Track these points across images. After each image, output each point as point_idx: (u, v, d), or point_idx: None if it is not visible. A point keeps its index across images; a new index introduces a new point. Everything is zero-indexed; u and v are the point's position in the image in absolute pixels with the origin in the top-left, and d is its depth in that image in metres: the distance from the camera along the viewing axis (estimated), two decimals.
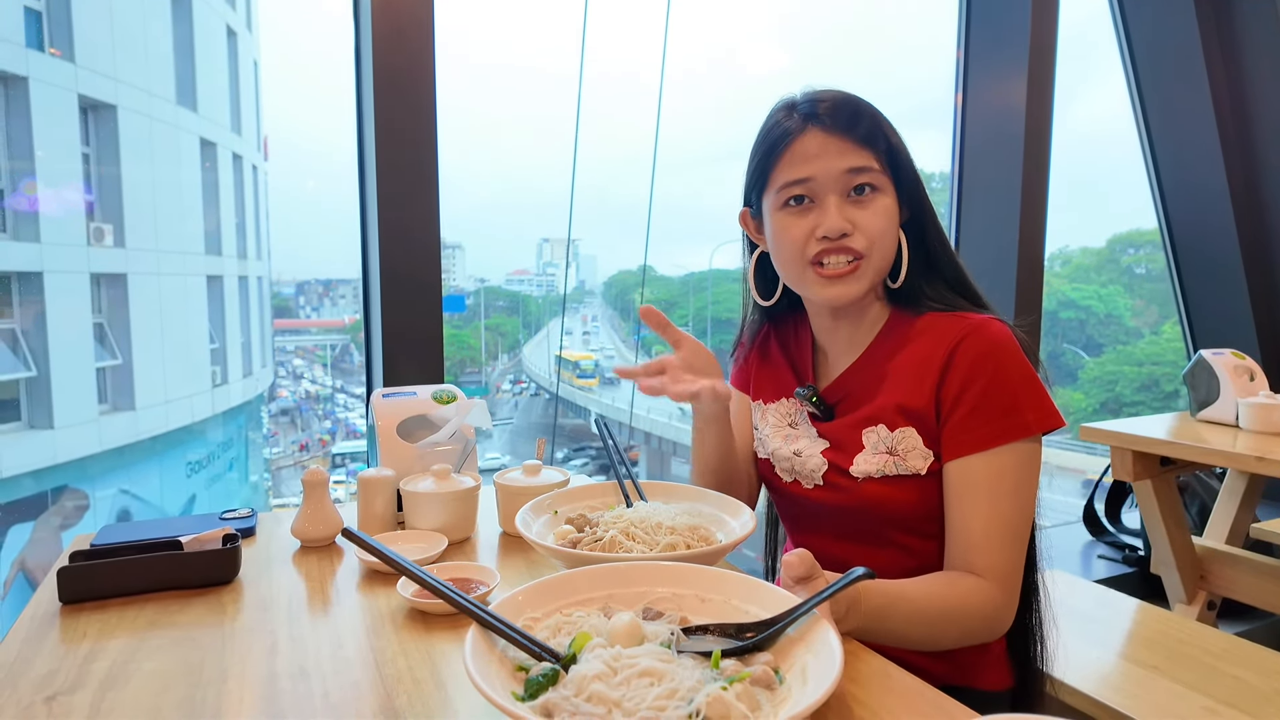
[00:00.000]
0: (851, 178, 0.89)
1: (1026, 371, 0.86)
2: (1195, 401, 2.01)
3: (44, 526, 6.41)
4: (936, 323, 0.91)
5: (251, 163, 9.04)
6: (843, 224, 0.88)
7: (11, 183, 6.03)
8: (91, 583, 0.84)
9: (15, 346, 6.07)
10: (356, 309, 12.15)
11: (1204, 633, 1.52)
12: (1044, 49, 2.22)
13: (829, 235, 0.88)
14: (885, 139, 0.90)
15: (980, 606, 0.83)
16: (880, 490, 0.90)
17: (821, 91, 0.93)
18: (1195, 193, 2.74)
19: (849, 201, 0.89)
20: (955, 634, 0.84)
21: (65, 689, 0.66)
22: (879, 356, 0.95)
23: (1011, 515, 0.84)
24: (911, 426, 0.89)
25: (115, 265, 7.01)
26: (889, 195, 0.90)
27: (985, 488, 0.84)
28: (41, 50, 6.26)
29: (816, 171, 0.89)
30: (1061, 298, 11.08)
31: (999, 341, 0.87)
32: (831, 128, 0.89)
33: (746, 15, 17.76)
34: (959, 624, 0.83)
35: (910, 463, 0.89)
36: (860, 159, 0.89)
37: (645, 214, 4.47)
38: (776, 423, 1.03)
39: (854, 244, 0.89)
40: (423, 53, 1.61)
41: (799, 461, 0.97)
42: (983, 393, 0.85)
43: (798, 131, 0.91)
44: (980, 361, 0.86)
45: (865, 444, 0.91)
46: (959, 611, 0.82)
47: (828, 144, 0.89)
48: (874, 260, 0.90)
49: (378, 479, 1.07)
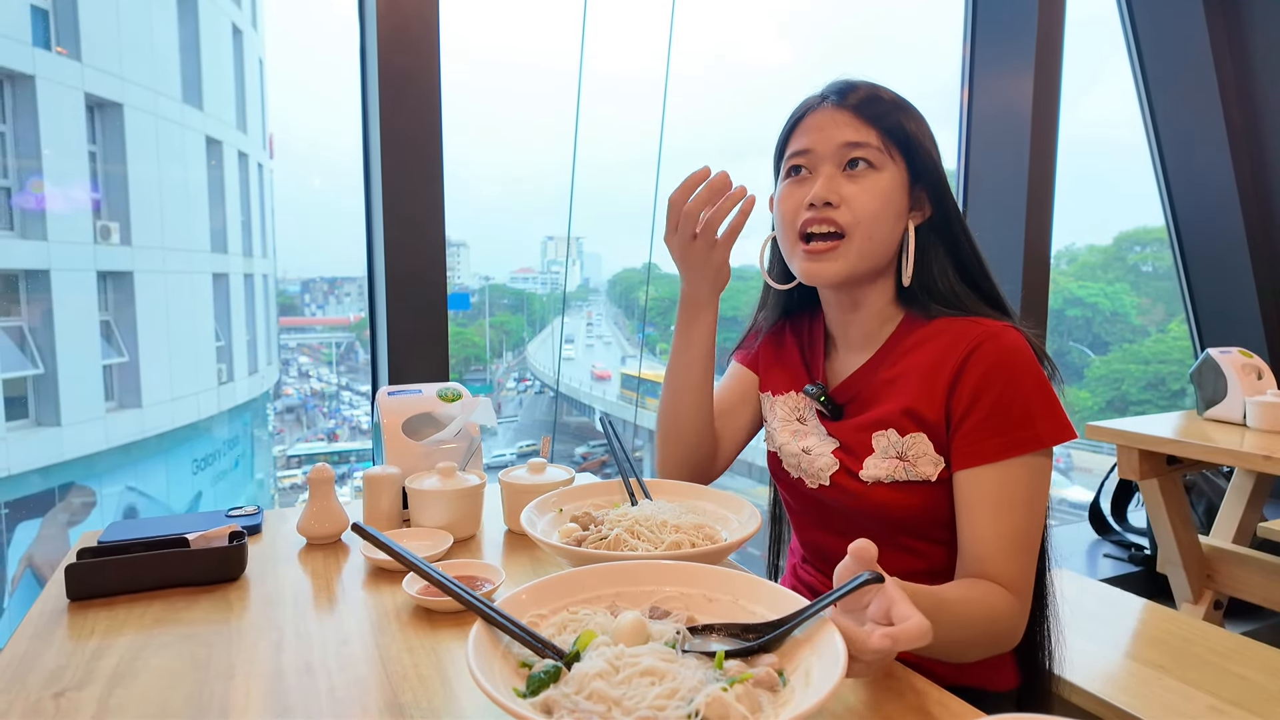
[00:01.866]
0: (847, 150, 0.88)
1: (1041, 381, 0.85)
2: (1202, 400, 2.00)
3: (51, 523, 6.45)
4: (950, 327, 0.90)
5: (257, 161, 9.06)
6: (828, 193, 0.88)
7: (19, 181, 6.05)
8: (99, 579, 0.85)
9: (23, 344, 6.10)
10: (361, 307, 12.17)
11: (1210, 632, 1.52)
12: (1050, 46, 2.21)
13: (814, 202, 0.88)
14: (899, 124, 0.89)
15: (1004, 613, 0.82)
16: (888, 495, 0.89)
17: (852, 78, 0.93)
18: (1202, 190, 2.73)
19: (844, 175, 0.89)
20: (985, 642, 0.83)
21: (73, 685, 0.67)
22: (891, 358, 0.93)
23: (1023, 525, 0.83)
24: (923, 432, 0.88)
25: (122, 263, 7.04)
26: (889, 176, 0.89)
27: (996, 499, 0.83)
28: (48, 49, 6.28)
29: (816, 143, 0.90)
30: (1068, 295, 11.04)
31: (1014, 349, 0.85)
32: (842, 103, 0.90)
33: (751, 12, 17.70)
34: (989, 632, 0.81)
35: (920, 469, 0.88)
36: (860, 134, 0.88)
37: (650, 212, 4.47)
38: (785, 416, 1.03)
39: (838, 216, 0.88)
40: (428, 51, 1.61)
41: (806, 460, 0.97)
42: (995, 403, 0.83)
43: (814, 107, 0.92)
44: (994, 370, 0.84)
45: (875, 448, 0.90)
46: (987, 618, 0.81)
47: (834, 118, 0.90)
48: (857, 240, 0.88)
49: (383, 477, 1.07)
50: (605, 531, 0.86)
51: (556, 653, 0.59)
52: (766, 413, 1.07)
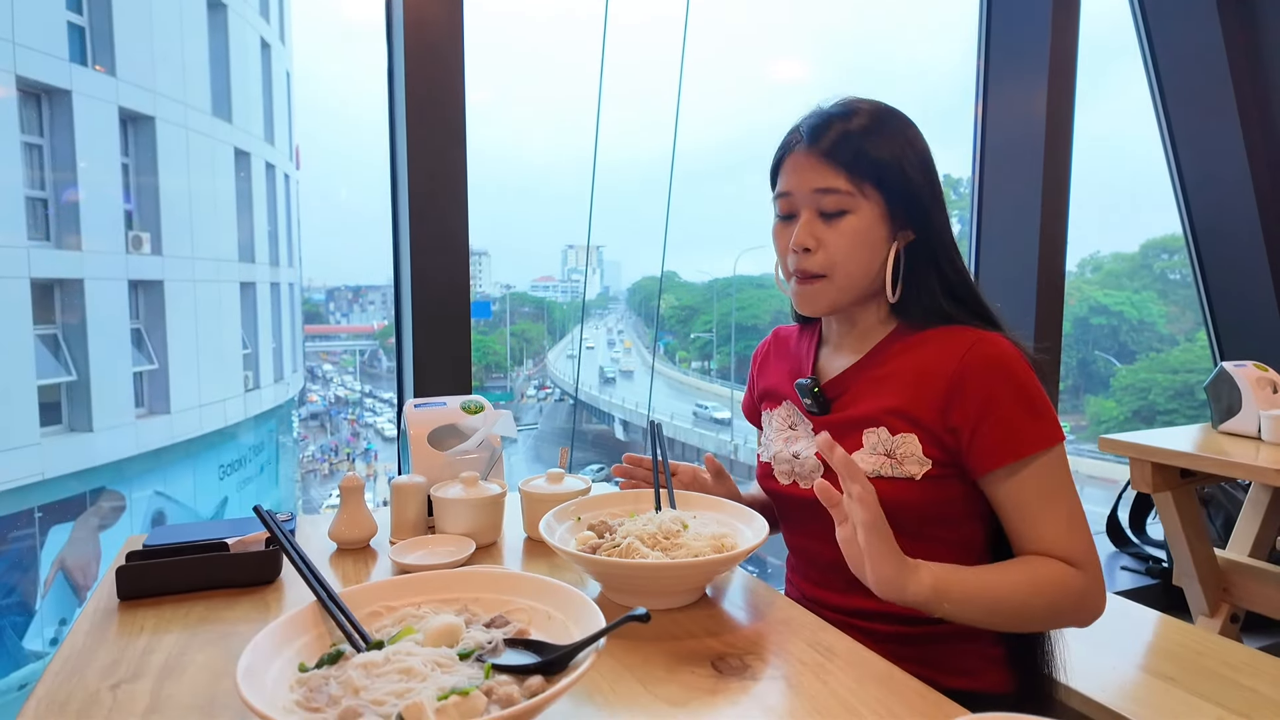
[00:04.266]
0: (819, 197, 0.93)
1: (1035, 383, 0.89)
2: (1217, 413, 2.01)
3: (83, 527, 6.59)
4: (940, 335, 0.94)
5: (284, 171, 9.24)
6: (805, 239, 0.94)
7: (55, 193, 6.23)
8: (146, 581, 0.90)
9: (57, 351, 6.25)
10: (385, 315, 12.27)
11: (1224, 645, 1.52)
12: (1064, 58, 2.23)
13: (794, 249, 0.95)
14: (868, 160, 0.92)
15: (1065, 581, 0.85)
16: (874, 487, 0.92)
17: (819, 110, 0.96)
18: (1220, 200, 2.72)
19: (820, 219, 0.94)
20: (1041, 607, 0.85)
21: (128, 678, 0.72)
22: (880, 359, 0.97)
23: (1072, 505, 0.88)
24: (913, 433, 0.91)
25: (152, 272, 7.20)
26: (862, 214, 0.92)
27: (1038, 489, 0.88)
28: (85, 65, 6.46)
29: (793, 186, 0.95)
30: (1093, 303, 10.92)
31: (1008, 354, 0.89)
32: (809, 148, 0.94)
33: (767, 27, 17.73)
34: (1045, 596, 0.84)
35: (906, 467, 0.91)
36: (828, 180, 0.92)
37: (665, 221, 4.53)
38: (779, 425, 1.07)
39: (810, 264, 0.94)
40: (453, 65, 1.66)
41: (797, 463, 1.00)
42: (1004, 403, 0.87)
43: (790, 146, 0.97)
44: (993, 375, 0.88)
45: (864, 443, 0.94)
46: (1044, 584, 0.84)
47: (804, 162, 0.94)
48: (836, 279, 0.94)
49: (410, 485, 1.12)
50: (619, 540, 0.89)
51: (365, 639, 0.65)
52: (766, 427, 1.11)
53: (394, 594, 0.74)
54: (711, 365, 17.06)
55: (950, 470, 0.91)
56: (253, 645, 0.61)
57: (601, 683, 0.70)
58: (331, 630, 0.68)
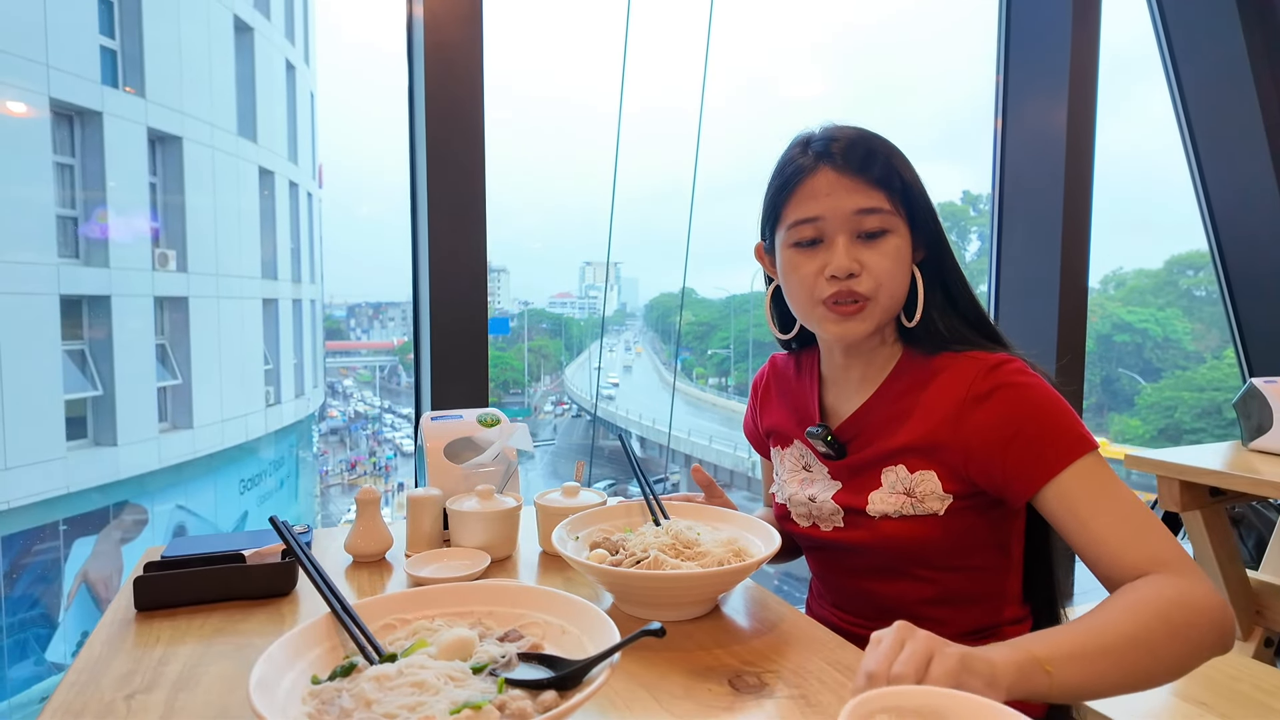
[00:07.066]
0: (861, 218, 0.88)
1: (1055, 397, 0.86)
2: (1247, 430, 1.96)
3: (106, 540, 6.67)
4: (953, 362, 0.91)
5: (307, 190, 9.39)
6: (850, 264, 0.88)
7: (85, 212, 6.37)
8: (163, 592, 0.91)
9: (84, 367, 6.36)
10: (404, 331, 12.44)
11: (1259, 670, 1.48)
12: (1085, 73, 2.21)
13: (837, 275, 0.88)
14: (899, 178, 0.89)
15: (1161, 591, 0.72)
16: (897, 528, 0.90)
17: (837, 128, 0.93)
18: (1247, 214, 2.68)
19: (858, 242, 0.89)
20: (1160, 630, 0.70)
21: (142, 688, 0.72)
22: (893, 394, 0.94)
23: (1133, 504, 0.80)
24: (932, 470, 0.89)
25: (177, 289, 7.32)
26: (900, 236, 0.90)
27: (1092, 493, 0.80)
28: (116, 87, 6.62)
29: (826, 210, 0.89)
30: (1116, 321, 10.76)
31: (1023, 373, 0.87)
32: (844, 167, 0.89)
33: (784, 44, 17.83)
34: (1173, 628, 0.70)
35: (927, 505, 0.89)
36: (871, 199, 0.88)
37: (685, 238, 4.54)
38: (792, 466, 1.04)
39: (859, 286, 0.89)
40: (473, 85, 1.68)
41: (814, 506, 0.98)
42: (1027, 424, 0.84)
43: (810, 169, 0.90)
44: (1010, 398, 0.85)
45: (884, 483, 0.91)
46: (1141, 603, 0.71)
47: (839, 183, 0.89)
48: (881, 301, 0.90)
49: (426, 498, 1.12)
50: (638, 553, 0.88)
51: (378, 651, 0.65)
52: (777, 464, 1.08)
53: (408, 607, 0.73)
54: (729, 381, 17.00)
55: (973, 501, 0.89)
56: (266, 656, 0.61)
57: (616, 699, 0.69)
58: (345, 642, 0.68)
